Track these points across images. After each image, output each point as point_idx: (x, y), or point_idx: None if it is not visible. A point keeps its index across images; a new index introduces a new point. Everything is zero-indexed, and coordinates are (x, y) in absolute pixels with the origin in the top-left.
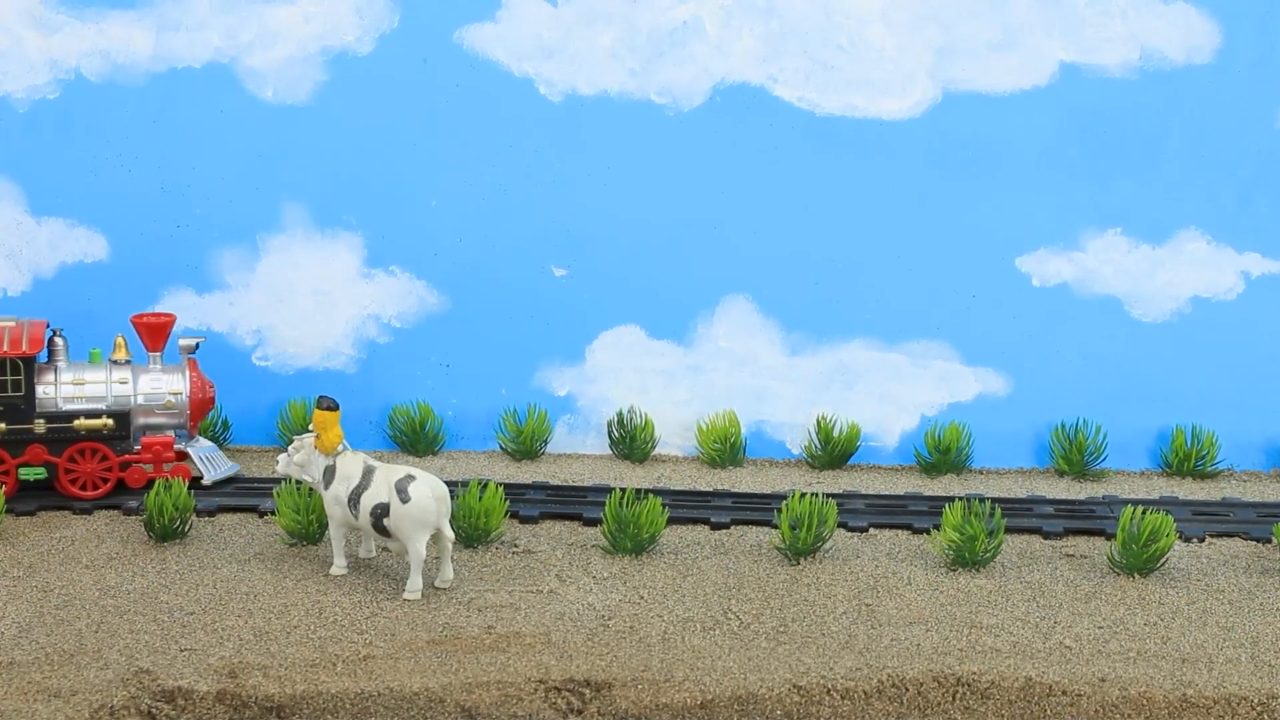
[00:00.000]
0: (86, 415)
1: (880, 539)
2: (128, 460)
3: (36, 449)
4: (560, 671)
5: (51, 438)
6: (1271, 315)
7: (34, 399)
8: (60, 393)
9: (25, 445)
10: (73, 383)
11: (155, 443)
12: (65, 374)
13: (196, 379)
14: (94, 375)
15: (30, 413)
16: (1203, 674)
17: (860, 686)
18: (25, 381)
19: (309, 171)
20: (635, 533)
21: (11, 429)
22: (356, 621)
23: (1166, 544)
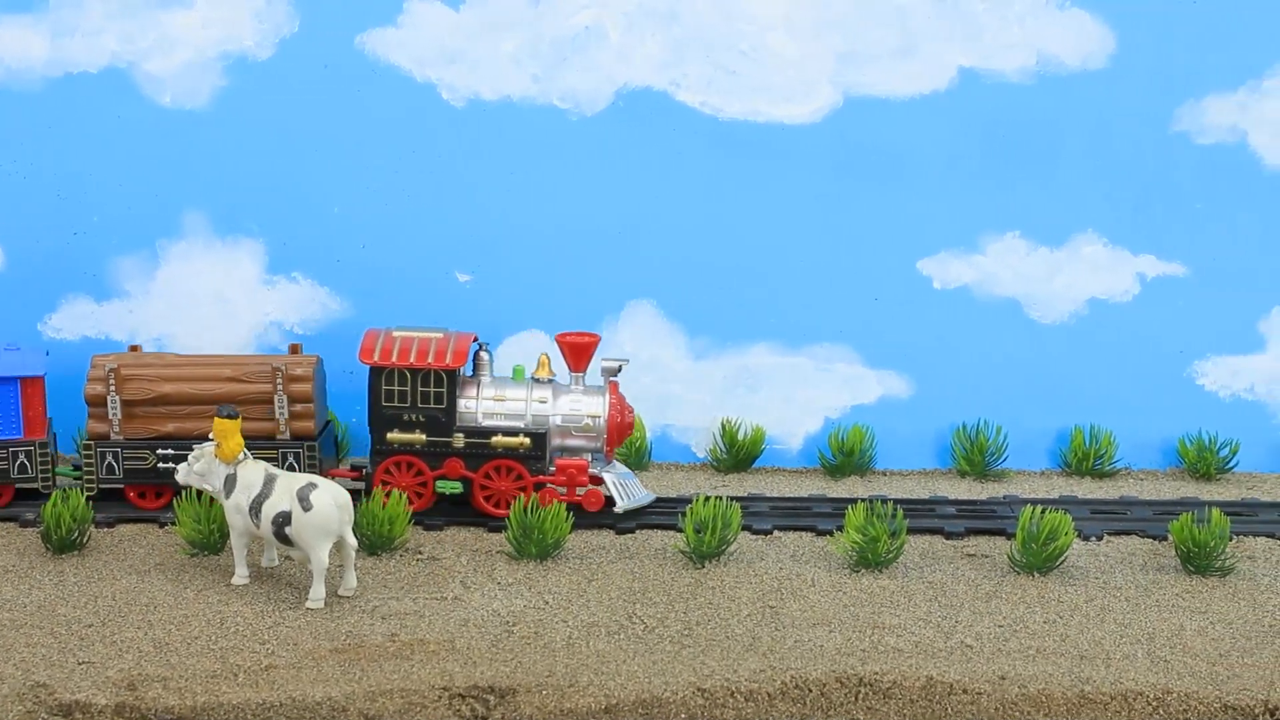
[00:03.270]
0: (505, 432)
1: (784, 541)
2: (541, 481)
3: (454, 463)
4: (464, 678)
5: (469, 452)
6: (1166, 316)
7: (455, 413)
8: (481, 408)
9: (443, 459)
10: (494, 399)
11: (570, 465)
12: (487, 389)
13: (616, 402)
14: (515, 393)
15: (450, 426)
16: (1100, 670)
17: (764, 688)
18: (448, 394)
19: (209, 178)
20: (540, 538)
21: (431, 441)
22: (258, 631)
23: (1065, 542)
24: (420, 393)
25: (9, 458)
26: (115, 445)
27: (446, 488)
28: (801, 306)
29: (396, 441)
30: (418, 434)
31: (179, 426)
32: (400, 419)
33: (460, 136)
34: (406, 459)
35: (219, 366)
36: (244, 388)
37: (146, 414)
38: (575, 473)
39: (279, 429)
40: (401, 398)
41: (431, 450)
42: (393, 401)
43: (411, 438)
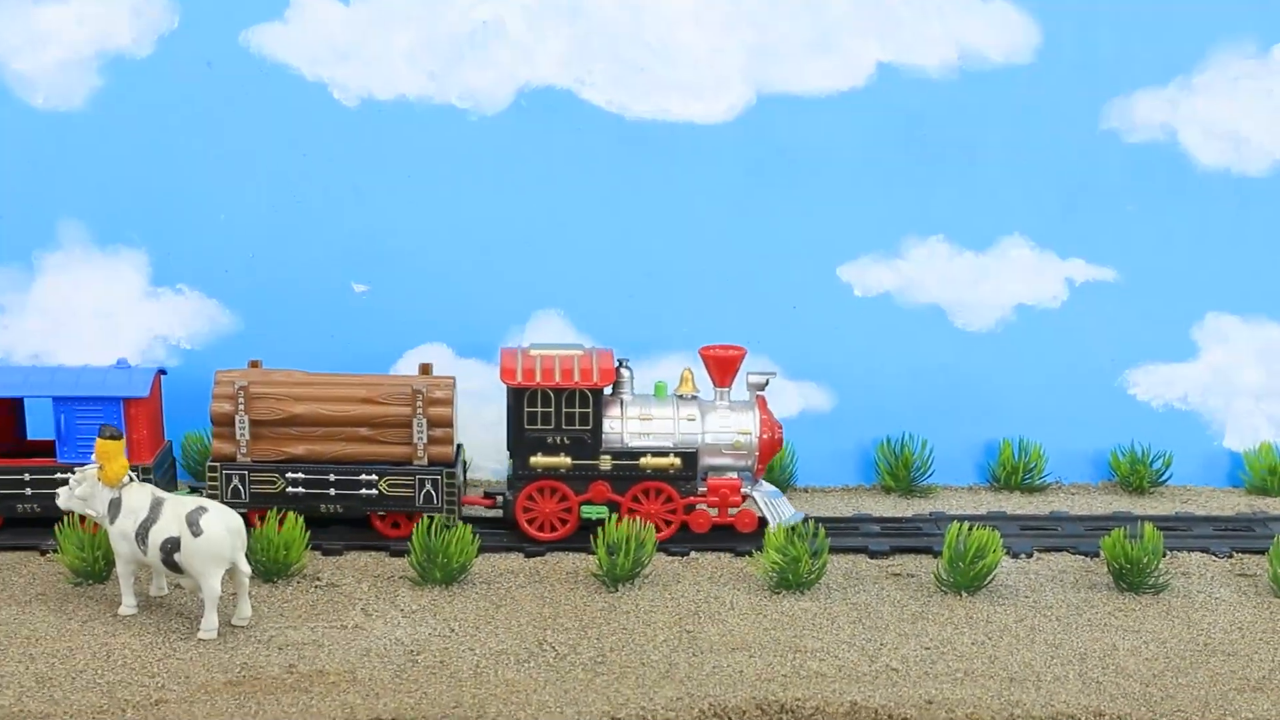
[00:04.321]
0: (654, 453)
1: (701, 563)
2: (692, 502)
3: (600, 486)
4: (366, 710)
5: (616, 475)
6: (1095, 322)
7: (601, 434)
8: (627, 428)
9: (589, 482)
10: (639, 418)
11: (722, 485)
12: (631, 408)
13: (766, 419)
14: (661, 411)
15: (596, 448)
16: (1030, 693)
17: (681, 717)
18: (593, 415)
19: (87, 184)
20: (445, 562)
21: (576, 464)
22: (148, 664)
23: (993, 560)
24: (565, 414)
25: None
26: (242, 467)
27: (593, 513)
28: (716, 316)
29: (541, 466)
30: (563, 457)
31: (310, 449)
32: (544, 442)
33: (353, 138)
34: (550, 484)
35: (353, 387)
36: (380, 410)
37: (276, 435)
38: (728, 492)
39: (416, 454)
40: (545, 420)
41: (577, 474)
42: (536, 424)
43: (556, 461)
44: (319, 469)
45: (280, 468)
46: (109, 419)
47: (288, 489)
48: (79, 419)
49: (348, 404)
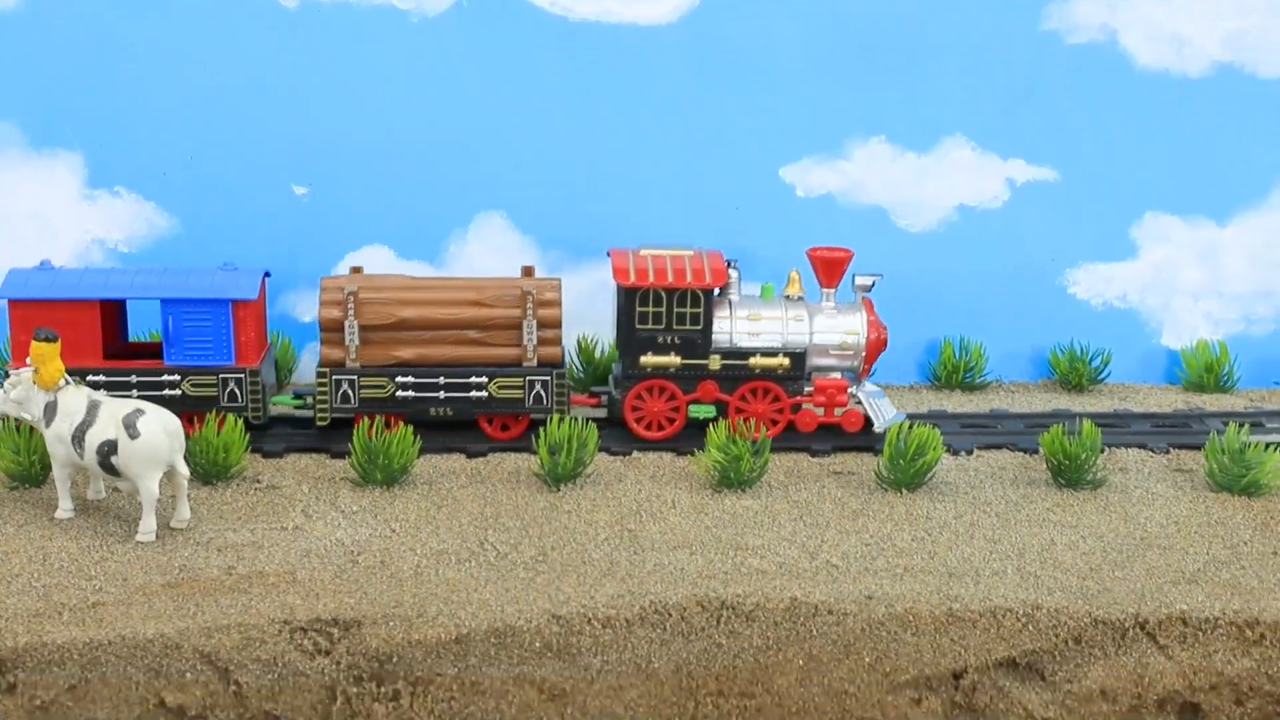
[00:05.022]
0: (763, 353)
1: (643, 462)
2: (799, 402)
3: (708, 386)
4: (306, 611)
5: (725, 375)
6: (1036, 222)
7: (710, 334)
8: (735, 328)
9: (697, 382)
10: (748, 318)
11: (829, 385)
12: (740, 309)
13: (873, 320)
14: (770, 312)
15: (706, 348)
16: (969, 587)
17: (622, 614)
18: (704, 315)
19: (20, 84)
20: (386, 463)
21: (686, 364)
22: (84, 567)
23: (934, 458)
24: (676, 314)
25: (219, 385)
26: (351, 373)
27: (700, 413)
28: (659, 217)
29: (650, 365)
30: (673, 357)
31: (419, 353)
32: (654, 342)
33: (293, 39)
34: (659, 383)
35: (460, 290)
36: (489, 312)
37: (384, 340)
38: (835, 392)
39: (526, 356)
40: (656, 319)
41: (686, 374)
42: (647, 324)
43: (666, 361)
44: (428, 373)
45: (389, 372)
46: (217, 321)
47: (397, 393)
48: (187, 321)
49: (456, 307)
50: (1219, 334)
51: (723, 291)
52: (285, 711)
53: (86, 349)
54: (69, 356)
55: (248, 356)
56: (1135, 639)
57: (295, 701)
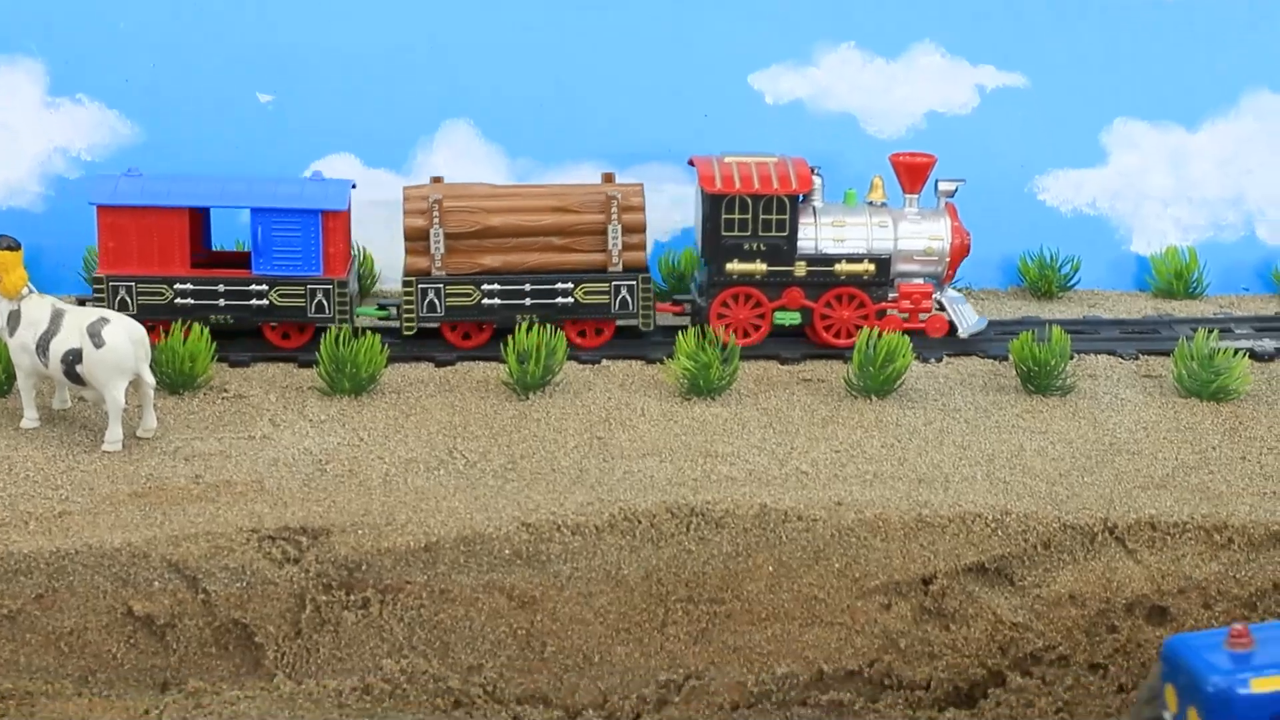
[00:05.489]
0: (848, 259)
1: (613, 370)
2: (884, 308)
3: (794, 293)
4: (274, 519)
5: (810, 282)
6: (1005, 128)
7: (796, 240)
8: (821, 234)
9: (782, 289)
10: (833, 224)
11: (914, 291)
12: (825, 215)
13: (956, 225)
14: (854, 218)
15: (791, 255)
16: (939, 493)
17: (591, 521)
18: (790, 222)
19: None
20: (354, 372)
21: (771, 271)
22: (51, 476)
23: (903, 365)
24: (762, 221)
25: (307, 296)
26: (437, 281)
27: (785, 319)
28: (627, 125)
29: (736, 273)
30: (758, 264)
31: (504, 260)
32: (740, 249)
33: None
34: (744, 291)
35: (545, 197)
36: (574, 218)
37: (470, 248)
38: (919, 298)
39: (611, 261)
40: (742, 226)
41: (771, 281)
42: (733, 231)
43: (752, 268)
44: (514, 280)
45: (475, 280)
46: (306, 232)
47: (483, 301)
48: (276, 231)
49: (541, 214)
50: (1188, 240)
51: (806, 198)
52: (254, 620)
53: (174, 258)
54: (155, 265)
55: (335, 268)
56: (1104, 544)
57: (264, 610)
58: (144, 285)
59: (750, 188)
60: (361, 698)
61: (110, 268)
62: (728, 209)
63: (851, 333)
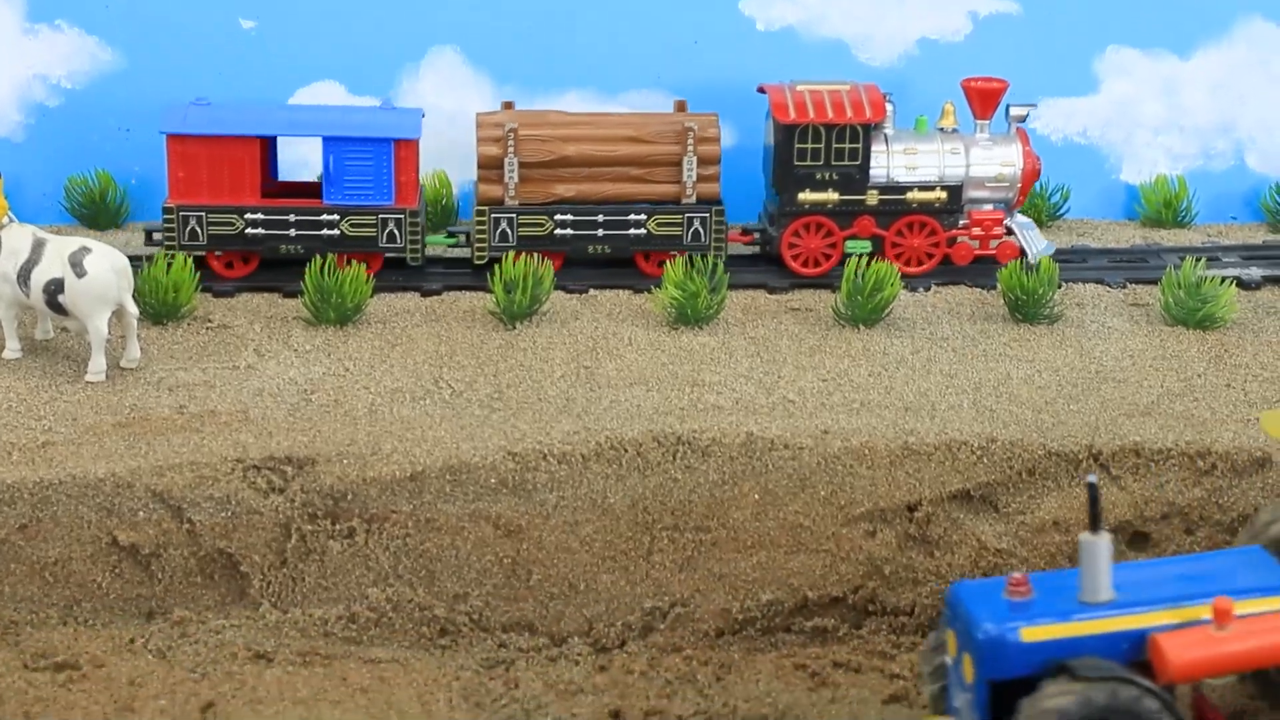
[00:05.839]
0: (920, 187)
1: (600, 299)
2: (955, 235)
3: (865, 221)
4: (259, 449)
5: (882, 210)
6: (997, 56)
7: (869, 169)
8: (893, 162)
9: (854, 217)
10: (905, 152)
11: (985, 218)
12: (897, 143)
13: (1028, 151)
14: (926, 145)
15: (864, 183)
16: (925, 421)
17: (578, 450)
18: (862, 150)
19: None
20: (339, 302)
21: (843, 200)
22: (34, 407)
23: (891, 294)
24: (835, 149)
25: (378, 225)
26: (510, 211)
27: (856, 248)
28: (615, 51)
29: (808, 202)
30: (830, 193)
31: (578, 190)
32: (812, 178)
33: None
34: (816, 220)
35: (620, 126)
36: (649, 149)
37: (544, 177)
38: (991, 225)
39: (685, 193)
40: (815, 155)
41: (843, 209)
42: (805, 160)
43: (824, 197)
44: (587, 210)
45: (548, 210)
46: (378, 161)
47: (555, 231)
48: (348, 160)
49: (616, 144)
50: (1178, 169)
51: (878, 125)
52: (239, 549)
53: (244, 187)
54: (225, 195)
55: (407, 197)
56: (1088, 470)
57: (249, 539)
58: (214, 215)
59: (824, 116)
60: (347, 626)
61: (180, 198)
62: (800, 138)
63: (922, 260)
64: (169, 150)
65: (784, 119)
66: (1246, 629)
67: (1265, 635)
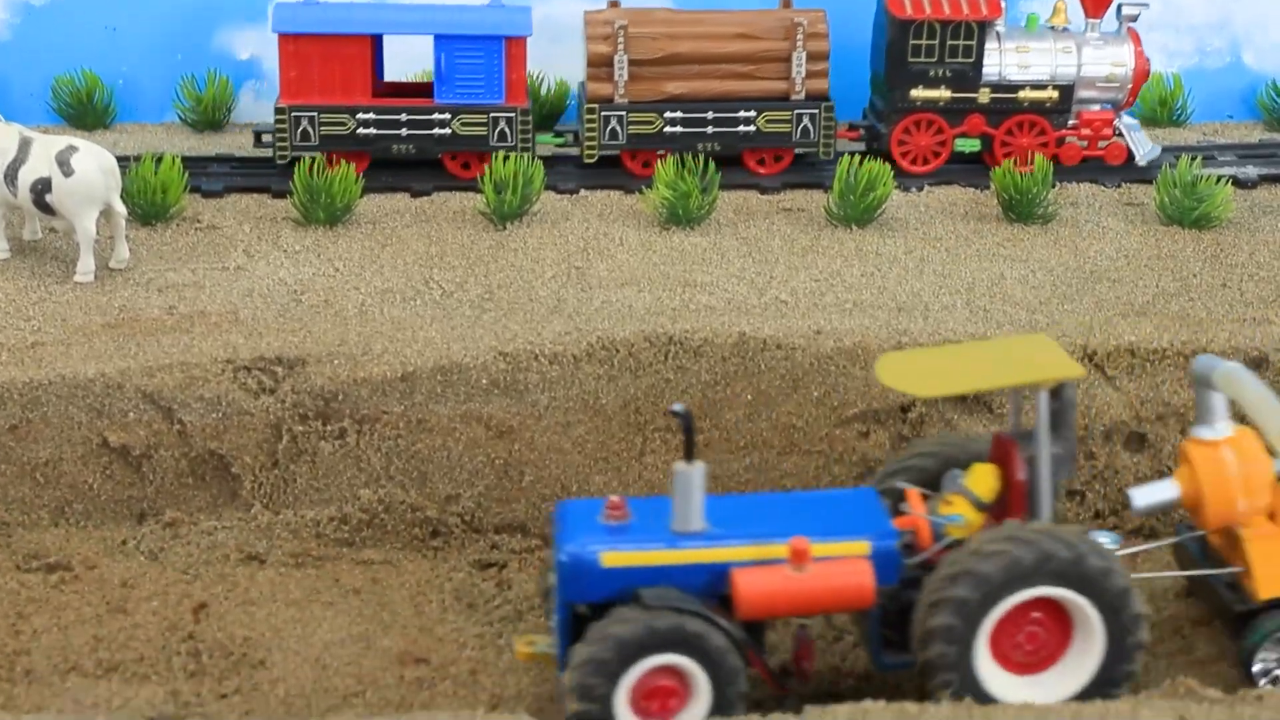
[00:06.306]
0: (1032, 86)
1: (591, 200)
2: (1064, 135)
3: (975, 119)
4: (249, 350)
5: (992, 109)
6: None
7: (982, 67)
8: (1004, 61)
9: (964, 115)
10: (1017, 50)
11: (1095, 118)
12: (1009, 41)
13: (1139, 51)
14: (1039, 44)
15: (976, 81)
16: (918, 321)
17: (569, 350)
18: (976, 48)
19: None
20: (328, 202)
21: (955, 98)
22: (22, 308)
23: (884, 193)
24: (949, 46)
25: (489, 124)
26: (619, 109)
27: (965, 146)
28: None
29: (920, 99)
30: (942, 90)
31: (688, 88)
32: (925, 75)
33: None
34: (927, 117)
35: (728, 23)
36: (758, 45)
37: (654, 75)
38: (1100, 125)
39: (794, 89)
40: (929, 53)
41: (953, 107)
42: (919, 57)
43: (936, 94)
44: (697, 107)
45: (658, 107)
46: (490, 58)
47: (665, 129)
48: (460, 58)
49: (726, 40)
50: (1173, 67)
51: (991, 23)
52: (230, 450)
53: (356, 86)
54: (338, 94)
55: (517, 95)
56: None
57: (240, 440)
58: (326, 115)
59: (939, 12)
60: (339, 528)
61: (292, 98)
62: (915, 35)
63: (1030, 160)
64: (280, 50)
65: (900, 15)
66: (822, 571)
67: (839, 578)
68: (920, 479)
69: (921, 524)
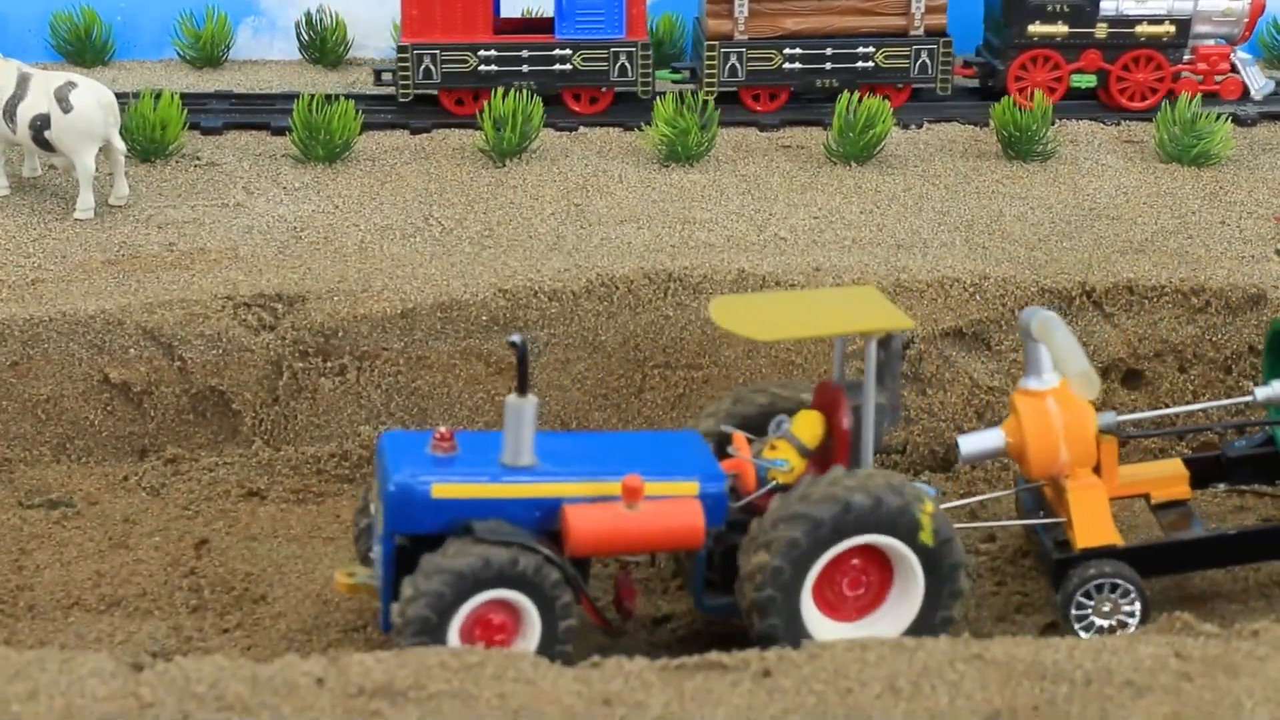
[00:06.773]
0: (1149, 20)
1: (590, 137)
2: (1179, 70)
3: (1092, 55)
4: (249, 286)
5: (1109, 44)
6: None
7: (1099, 1)
8: None
9: (1081, 50)
10: None
11: (1211, 53)
12: None
13: None
14: None
15: (1094, 15)
16: (917, 258)
17: (569, 287)
18: None
19: None
20: (327, 140)
21: (1072, 33)
22: (22, 245)
23: (883, 130)
24: None
25: (609, 59)
26: (739, 45)
27: (1082, 82)
28: None
29: (1037, 35)
30: (1060, 25)
31: (806, 24)
32: (1043, 10)
33: None
34: (1043, 53)
35: None
36: None
37: (772, 11)
38: (1216, 60)
39: (913, 24)
40: None
41: (1070, 43)
42: None
43: (1053, 30)
44: (816, 44)
45: (777, 44)
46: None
47: (784, 65)
48: None
49: None
50: None
51: None
52: (231, 387)
53: (477, 23)
54: (459, 32)
55: (637, 29)
56: (1082, 308)
57: (241, 376)
58: (448, 53)
59: None
60: (340, 464)
61: (414, 36)
62: None
63: (1146, 96)
64: None
65: None
66: (654, 510)
67: (669, 518)
68: (743, 424)
69: (746, 467)
